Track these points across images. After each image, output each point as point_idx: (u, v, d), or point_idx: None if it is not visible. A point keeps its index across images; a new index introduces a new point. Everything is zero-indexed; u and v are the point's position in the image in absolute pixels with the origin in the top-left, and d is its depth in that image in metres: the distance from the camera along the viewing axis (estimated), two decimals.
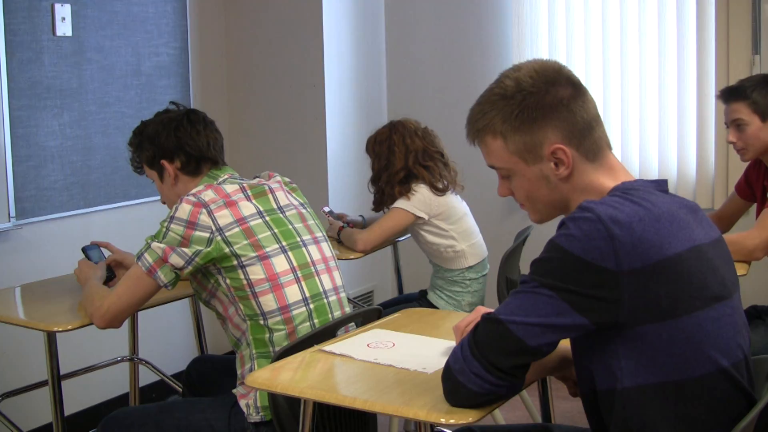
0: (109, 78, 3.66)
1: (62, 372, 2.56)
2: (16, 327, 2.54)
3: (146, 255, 2.28)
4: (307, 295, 2.32)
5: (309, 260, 2.36)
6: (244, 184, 2.39)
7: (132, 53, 3.76)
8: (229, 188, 2.33)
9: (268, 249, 2.28)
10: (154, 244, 2.27)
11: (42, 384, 2.75)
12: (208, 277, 2.31)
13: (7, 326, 2.56)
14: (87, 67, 3.56)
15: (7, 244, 3.34)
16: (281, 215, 2.38)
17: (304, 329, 2.28)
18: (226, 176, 2.45)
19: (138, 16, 3.78)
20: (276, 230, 2.33)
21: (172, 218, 2.26)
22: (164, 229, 2.27)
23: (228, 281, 2.28)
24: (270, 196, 2.40)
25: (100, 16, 3.60)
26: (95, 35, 3.57)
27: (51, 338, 2.43)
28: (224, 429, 2.25)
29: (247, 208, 2.32)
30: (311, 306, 2.32)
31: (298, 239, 2.36)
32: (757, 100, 2.80)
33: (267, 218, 2.34)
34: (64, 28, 3.44)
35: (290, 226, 2.37)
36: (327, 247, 2.45)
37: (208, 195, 2.28)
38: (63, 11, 3.43)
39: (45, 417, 3.16)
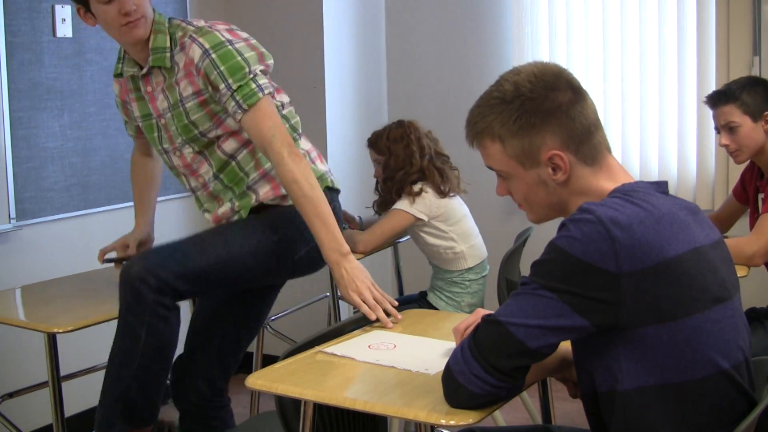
0: (109, 79, 3.62)
1: (62, 373, 2.56)
2: (17, 328, 2.55)
3: (256, 85, 2.39)
4: None
5: None
6: None
7: None
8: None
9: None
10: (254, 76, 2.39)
11: (42, 385, 2.75)
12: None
13: (8, 327, 2.56)
14: (87, 69, 3.56)
15: (7, 245, 3.34)
16: None
17: None
18: None
19: None
20: None
21: (235, 48, 2.42)
22: (239, 59, 2.39)
23: None
24: None
25: None
26: (95, 36, 3.57)
27: (51, 339, 2.43)
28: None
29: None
30: None
31: None
32: (746, 101, 2.80)
33: None
34: (64, 30, 3.44)
35: None
36: None
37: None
38: (63, 12, 3.43)
39: (45, 418, 3.15)
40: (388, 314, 2.23)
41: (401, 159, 3.27)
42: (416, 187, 3.22)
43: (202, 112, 2.47)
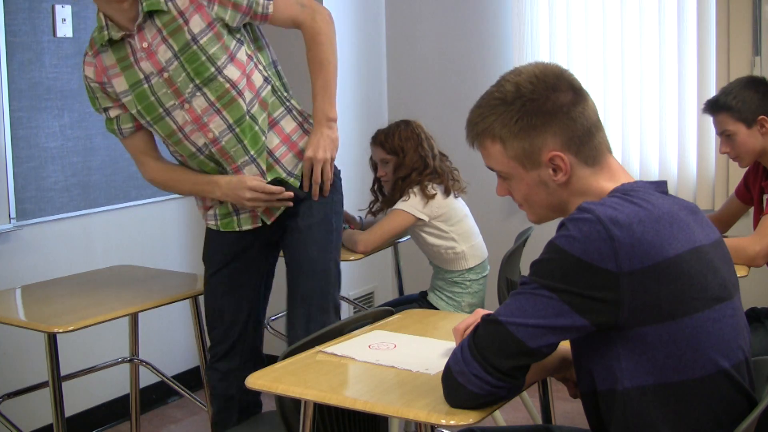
0: None
1: (63, 373, 2.56)
2: (17, 328, 2.55)
3: None
4: None
5: None
6: None
7: None
8: None
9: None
10: None
11: (42, 385, 2.75)
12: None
13: (8, 327, 2.56)
14: None
15: (7, 245, 3.34)
16: None
17: None
18: None
19: None
20: None
21: None
22: None
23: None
24: None
25: None
26: None
27: (51, 339, 2.44)
28: None
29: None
30: None
31: None
32: (738, 108, 2.79)
33: None
34: (64, 30, 3.44)
35: None
36: None
37: None
38: (64, 12, 3.43)
39: (45, 418, 3.16)
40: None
41: (415, 159, 3.26)
42: (430, 188, 3.22)
43: (219, 44, 2.48)
